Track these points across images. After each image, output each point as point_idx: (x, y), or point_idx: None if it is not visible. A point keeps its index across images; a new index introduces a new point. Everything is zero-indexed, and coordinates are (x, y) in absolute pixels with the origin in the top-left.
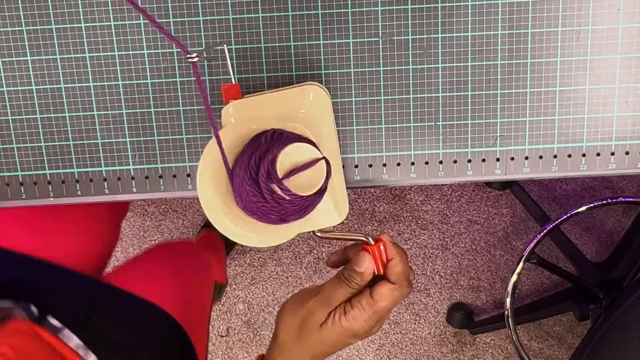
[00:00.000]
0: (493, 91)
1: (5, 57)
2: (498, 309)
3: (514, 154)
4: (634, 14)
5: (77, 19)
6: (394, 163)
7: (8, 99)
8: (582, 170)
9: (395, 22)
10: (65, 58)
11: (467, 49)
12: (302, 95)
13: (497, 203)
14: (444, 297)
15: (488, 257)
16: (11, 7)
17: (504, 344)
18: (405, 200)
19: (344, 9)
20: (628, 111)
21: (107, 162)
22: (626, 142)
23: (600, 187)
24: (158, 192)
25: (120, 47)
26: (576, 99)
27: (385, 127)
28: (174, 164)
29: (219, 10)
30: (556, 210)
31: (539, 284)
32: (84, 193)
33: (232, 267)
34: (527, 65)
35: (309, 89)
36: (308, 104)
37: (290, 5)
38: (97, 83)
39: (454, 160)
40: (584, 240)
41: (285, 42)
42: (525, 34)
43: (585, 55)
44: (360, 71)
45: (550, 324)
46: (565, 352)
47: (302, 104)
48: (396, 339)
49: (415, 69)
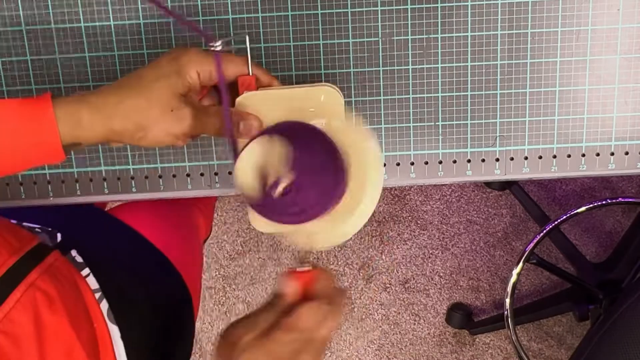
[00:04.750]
0: (492, 91)
1: (5, 57)
2: (497, 310)
3: (513, 154)
4: (634, 14)
5: (77, 18)
6: (393, 163)
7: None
8: (581, 170)
9: (395, 22)
10: (65, 58)
11: (466, 49)
12: (313, 95)
13: (497, 203)
14: (443, 298)
15: (487, 257)
16: (11, 7)
17: (503, 345)
18: (404, 200)
19: (343, 9)
20: (627, 111)
21: (107, 161)
22: (626, 142)
23: (600, 188)
24: (158, 192)
25: (120, 47)
26: (576, 99)
27: (385, 127)
28: (174, 163)
29: (218, 11)
30: (556, 211)
31: (539, 285)
32: (84, 193)
33: (231, 267)
34: (527, 65)
35: (321, 90)
36: (319, 104)
37: (290, 5)
38: (97, 83)
39: (454, 161)
40: (584, 241)
41: (285, 42)
42: (525, 34)
43: (585, 55)
44: (360, 71)
45: (550, 325)
46: (564, 352)
47: (313, 104)
48: (395, 339)
49: (414, 69)
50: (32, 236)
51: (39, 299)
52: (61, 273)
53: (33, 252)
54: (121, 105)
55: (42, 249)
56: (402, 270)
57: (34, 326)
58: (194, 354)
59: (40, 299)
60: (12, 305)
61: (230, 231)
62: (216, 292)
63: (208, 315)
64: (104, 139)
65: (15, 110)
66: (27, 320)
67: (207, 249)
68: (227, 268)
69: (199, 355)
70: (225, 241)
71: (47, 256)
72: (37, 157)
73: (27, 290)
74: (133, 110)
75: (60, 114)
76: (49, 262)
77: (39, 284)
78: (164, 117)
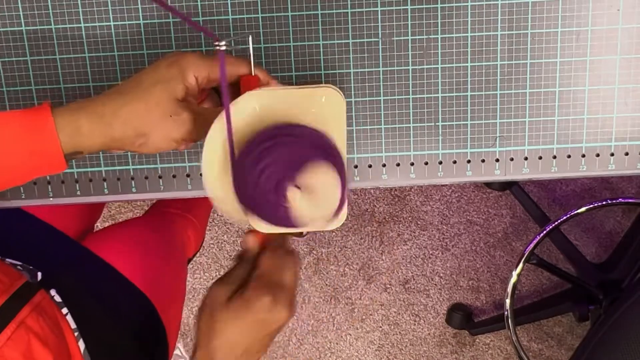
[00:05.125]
0: (492, 92)
1: (5, 57)
2: (498, 310)
3: (513, 154)
4: (634, 15)
5: (77, 19)
6: (393, 163)
7: (8, 99)
8: (581, 170)
9: (394, 22)
10: (65, 58)
11: (466, 49)
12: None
13: (497, 204)
14: (443, 298)
15: (488, 257)
16: (11, 7)
17: (503, 345)
18: (405, 201)
19: (343, 9)
20: (627, 112)
21: (107, 162)
22: (625, 142)
23: (600, 188)
24: (157, 192)
25: (120, 47)
26: (576, 99)
27: (385, 127)
28: (173, 164)
29: (218, 11)
30: (556, 211)
31: (539, 285)
32: (83, 193)
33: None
34: (527, 65)
35: (322, 91)
36: (320, 105)
37: (290, 6)
38: (97, 83)
39: (454, 161)
40: (584, 241)
41: (285, 42)
42: (525, 34)
43: (585, 56)
44: (359, 71)
45: (550, 325)
46: (564, 353)
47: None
48: (396, 339)
49: (414, 69)
50: (18, 274)
51: (29, 337)
52: (46, 312)
53: (21, 291)
54: (120, 111)
55: (30, 288)
56: (402, 270)
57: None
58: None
59: (30, 337)
60: (4, 343)
61: (230, 231)
62: None
63: None
64: (105, 146)
65: (15, 122)
66: (18, 357)
67: (207, 249)
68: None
69: None
70: (225, 241)
71: (35, 295)
72: (40, 168)
73: (17, 328)
74: (132, 116)
75: (60, 123)
76: (36, 301)
77: (28, 322)
78: (163, 122)
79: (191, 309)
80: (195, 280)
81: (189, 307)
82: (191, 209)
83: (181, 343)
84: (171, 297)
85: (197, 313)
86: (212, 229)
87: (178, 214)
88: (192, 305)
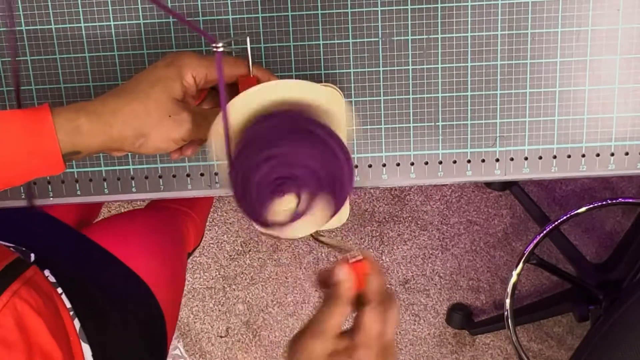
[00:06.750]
0: (492, 92)
1: (6, 57)
2: (498, 310)
3: (513, 154)
4: (634, 15)
5: (77, 19)
6: (393, 163)
7: (8, 99)
8: (581, 170)
9: (395, 22)
10: (65, 58)
11: (466, 49)
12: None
13: (497, 204)
14: (443, 298)
15: (488, 257)
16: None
17: (503, 345)
18: (404, 200)
19: (343, 9)
20: (627, 112)
21: (107, 161)
22: (626, 142)
23: (600, 188)
24: (157, 192)
25: (120, 47)
26: (576, 99)
27: (385, 127)
28: (174, 164)
29: (218, 11)
30: (556, 211)
31: (539, 285)
32: (84, 193)
33: (232, 268)
34: (527, 65)
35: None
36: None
37: (290, 5)
38: (97, 83)
39: (454, 161)
40: (584, 241)
41: (285, 42)
42: (525, 34)
43: (585, 55)
44: (359, 71)
45: (550, 325)
46: (564, 353)
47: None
48: (395, 339)
49: (414, 69)
50: (9, 252)
51: (23, 306)
52: (40, 287)
53: (13, 265)
54: (119, 111)
55: (21, 263)
56: (402, 270)
57: (19, 331)
58: (194, 354)
59: (24, 306)
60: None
61: (230, 231)
62: (216, 292)
63: (208, 315)
64: (104, 147)
65: (14, 121)
66: (13, 325)
67: (207, 249)
68: (227, 268)
69: (199, 355)
70: (225, 241)
71: (26, 270)
72: (37, 168)
73: (11, 297)
74: (131, 116)
75: (59, 122)
76: (28, 276)
77: (21, 293)
78: (162, 122)
79: (191, 309)
80: (195, 280)
81: (189, 307)
82: (191, 205)
83: (181, 343)
84: (171, 286)
85: None
86: (212, 229)
87: (178, 208)
88: (192, 305)
